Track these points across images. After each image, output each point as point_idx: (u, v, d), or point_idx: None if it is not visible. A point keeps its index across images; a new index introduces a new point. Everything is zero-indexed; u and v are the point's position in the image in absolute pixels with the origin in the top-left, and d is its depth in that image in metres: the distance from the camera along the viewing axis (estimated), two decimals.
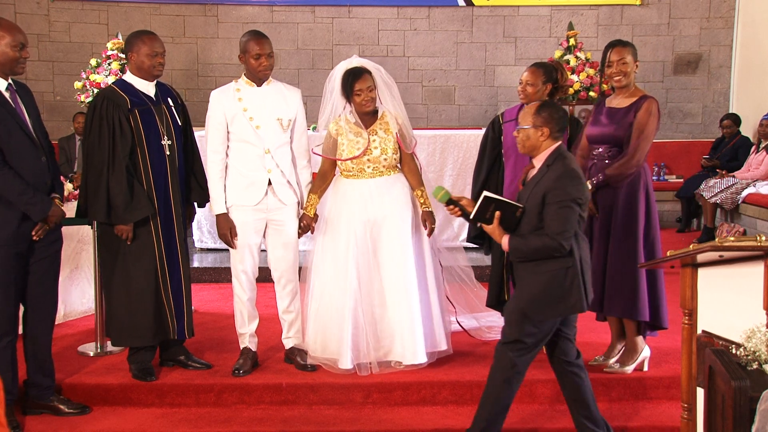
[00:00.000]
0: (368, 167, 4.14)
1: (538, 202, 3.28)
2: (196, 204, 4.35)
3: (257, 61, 4.06)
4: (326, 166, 4.27)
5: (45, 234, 3.65)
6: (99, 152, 3.91)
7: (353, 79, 4.08)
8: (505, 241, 3.35)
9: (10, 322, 3.64)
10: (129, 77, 4.08)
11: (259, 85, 4.14)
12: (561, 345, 3.43)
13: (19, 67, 3.63)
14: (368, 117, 4.16)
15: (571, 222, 3.23)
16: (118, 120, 3.92)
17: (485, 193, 3.38)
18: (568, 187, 3.24)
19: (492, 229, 3.38)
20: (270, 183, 4.11)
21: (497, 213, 3.35)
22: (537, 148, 3.38)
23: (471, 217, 3.40)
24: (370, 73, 4.12)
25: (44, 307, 3.76)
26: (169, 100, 4.13)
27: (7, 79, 3.61)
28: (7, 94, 3.58)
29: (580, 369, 3.45)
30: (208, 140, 4.15)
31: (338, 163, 4.21)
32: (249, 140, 4.09)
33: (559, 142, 3.39)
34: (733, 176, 7.99)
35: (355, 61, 4.20)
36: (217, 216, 4.16)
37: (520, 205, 3.37)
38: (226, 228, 4.13)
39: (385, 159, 4.13)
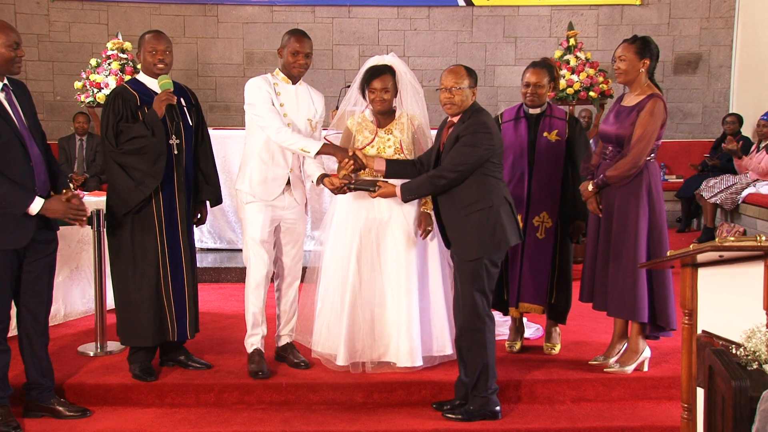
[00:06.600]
0: None
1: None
2: (208, 203, 4.29)
3: (294, 57, 4.07)
4: None
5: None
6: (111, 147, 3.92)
7: (371, 76, 4.08)
8: (397, 191, 3.78)
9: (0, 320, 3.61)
10: (141, 76, 4.12)
11: (293, 82, 4.16)
12: None
13: (16, 66, 3.57)
14: (385, 117, 4.15)
15: (465, 160, 3.57)
16: (125, 116, 3.94)
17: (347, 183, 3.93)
18: (476, 133, 3.58)
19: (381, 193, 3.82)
20: (289, 182, 4.13)
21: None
22: (467, 107, 3.73)
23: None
24: (393, 74, 4.10)
25: (37, 307, 3.73)
26: (181, 99, 4.13)
27: (2, 80, 3.56)
28: (1, 95, 3.54)
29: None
30: (267, 122, 4.00)
31: None
32: None
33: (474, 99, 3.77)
34: (737, 168, 7.98)
35: (387, 59, 4.19)
36: (323, 147, 4.00)
37: (372, 188, 3.85)
38: (339, 151, 4.03)
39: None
